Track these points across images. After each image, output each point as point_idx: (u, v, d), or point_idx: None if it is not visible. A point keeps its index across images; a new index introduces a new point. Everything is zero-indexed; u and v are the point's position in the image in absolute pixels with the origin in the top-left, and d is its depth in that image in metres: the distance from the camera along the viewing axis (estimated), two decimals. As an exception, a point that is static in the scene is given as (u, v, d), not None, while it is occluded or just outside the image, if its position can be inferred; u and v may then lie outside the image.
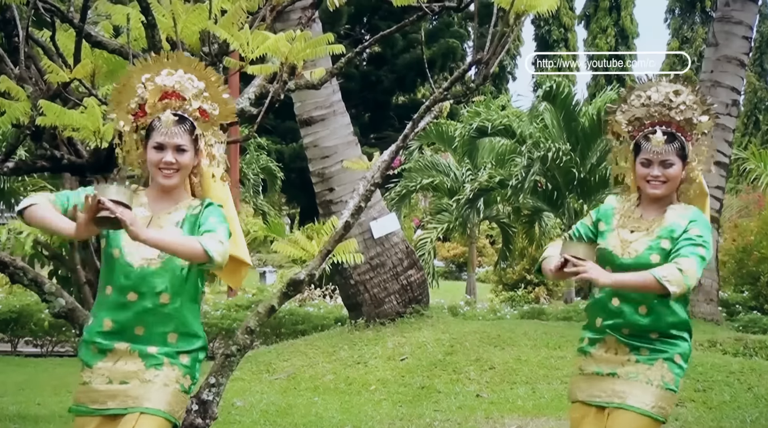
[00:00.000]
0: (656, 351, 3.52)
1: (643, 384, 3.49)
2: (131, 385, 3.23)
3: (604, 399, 3.52)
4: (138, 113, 3.28)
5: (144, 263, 3.24)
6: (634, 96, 3.61)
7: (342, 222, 4.59)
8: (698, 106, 3.56)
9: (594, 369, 3.58)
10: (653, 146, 3.50)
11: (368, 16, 30.08)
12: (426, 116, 4.70)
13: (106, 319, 3.25)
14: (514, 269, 17.92)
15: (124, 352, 3.25)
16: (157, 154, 3.24)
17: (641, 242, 3.53)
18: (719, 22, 12.28)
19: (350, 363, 9.44)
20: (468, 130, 16.67)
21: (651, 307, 3.50)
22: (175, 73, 3.27)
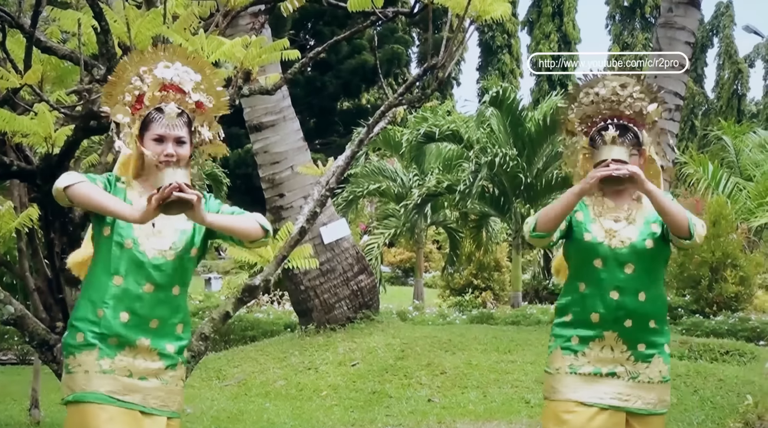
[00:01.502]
0: (651, 345, 3.56)
1: (645, 385, 3.55)
2: (151, 384, 3.26)
3: (607, 402, 3.52)
4: (135, 106, 3.25)
5: (158, 254, 3.25)
6: (583, 93, 3.63)
7: (297, 228, 4.59)
8: (645, 95, 3.59)
9: (590, 369, 3.55)
10: (608, 145, 3.50)
11: (312, 21, 30.07)
12: (381, 121, 4.72)
13: (123, 312, 3.21)
14: (462, 274, 17.97)
15: (145, 349, 3.25)
16: (158, 146, 3.22)
17: (631, 229, 3.54)
18: (662, 28, 12.46)
19: (301, 369, 9.41)
20: (415, 136, 16.71)
21: (648, 292, 3.53)
22: (172, 65, 3.25)
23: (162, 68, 3.24)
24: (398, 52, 30.14)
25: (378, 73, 27.53)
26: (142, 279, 3.23)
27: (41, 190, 4.42)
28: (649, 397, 3.55)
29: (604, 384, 3.54)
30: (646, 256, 3.53)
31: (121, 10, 4.04)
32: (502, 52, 46.95)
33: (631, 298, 3.51)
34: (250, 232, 3.26)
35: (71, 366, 3.24)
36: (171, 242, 3.28)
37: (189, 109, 3.28)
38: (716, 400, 7.87)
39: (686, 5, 12.17)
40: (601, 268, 3.54)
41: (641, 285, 3.52)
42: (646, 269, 3.55)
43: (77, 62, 4.31)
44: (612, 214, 3.59)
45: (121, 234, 3.22)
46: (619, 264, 3.53)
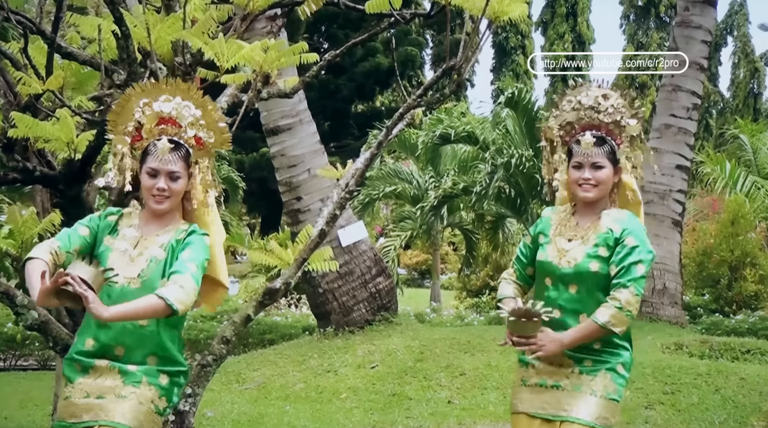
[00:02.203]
0: (599, 362, 3.52)
1: (588, 396, 3.50)
2: (107, 399, 3.26)
3: (550, 412, 3.52)
4: (135, 137, 3.30)
5: (125, 282, 3.27)
6: (566, 101, 3.65)
7: (317, 230, 4.59)
8: (626, 110, 3.59)
9: (537, 380, 3.57)
10: (583, 149, 3.52)
11: (326, 24, 30.09)
12: (399, 123, 4.72)
13: (89, 339, 3.29)
14: (478, 275, 17.96)
15: (105, 369, 3.28)
16: (150, 180, 3.27)
17: (578, 250, 3.53)
18: (679, 27, 12.43)
19: (320, 372, 9.42)
20: (431, 138, 16.69)
21: (590, 315, 3.47)
22: (172, 100, 3.29)
23: (162, 102, 3.28)
24: (412, 54, 30.11)
25: (393, 75, 27.65)
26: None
27: (64, 195, 4.45)
28: (589, 410, 3.48)
29: (548, 395, 3.54)
30: (590, 278, 3.51)
31: (141, 15, 4.06)
32: (516, 52, 46.85)
33: (571, 319, 3.50)
34: (154, 314, 3.18)
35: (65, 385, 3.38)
36: (140, 269, 3.28)
37: (189, 143, 3.31)
38: (738, 399, 7.83)
39: (703, 4, 12.14)
40: (550, 287, 3.57)
41: (583, 308, 3.50)
42: (591, 292, 3.51)
43: (98, 68, 4.34)
44: (570, 233, 3.60)
45: (98, 262, 3.28)
46: (564, 284, 3.54)
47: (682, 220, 12.55)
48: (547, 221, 3.68)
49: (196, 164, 3.34)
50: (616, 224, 3.53)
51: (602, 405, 3.50)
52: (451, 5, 4.33)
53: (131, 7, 4.44)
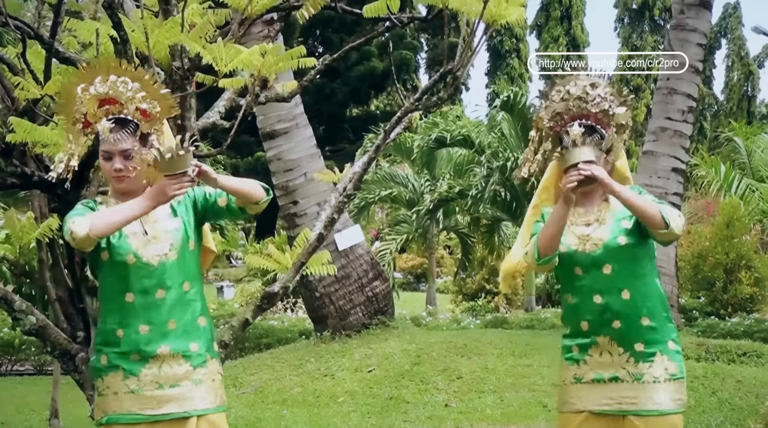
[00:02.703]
0: (650, 343, 3.47)
1: (652, 385, 3.44)
2: (184, 388, 3.29)
3: (614, 407, 3.46)
4: (84, 123, 3.29)
5: (161, 258, 3.30)
6: (555, 91, 3.62)
7: (315, 234, 4.59)
8: (615, 98, 3.56)
9: (593, 376, 3.50)
10: (572, 139, 3.47)
11: (321, 28, 30.10)
12: (397, 127, 4.73)
13: (141, 325, 3.26)
14: (474, 279, 17.98)
15: (167, 356, 3.29)
16: (107, 163, 3.28)
17: (601, 230, 3.51)
18: (674, 30, 12.45)
19: (317, 376, 9.42)
20: (426, 141, 16.72)
21: (632, 289, 3.47)
22: (107, 79, 3.26)
23: (97, 84, 3.25)
24: (407, 58, 30.13)
25: (388, 79, 27.68)
26: (153, 287, 3.28)
27: (62, 200, 4.44)
28: (657, 397, 3.45)
29: (608, 389, 3.48)
30: (621, 254, 3.49)
31: (139, 19, 4.06)
32: (510, 56, 46.95)
33: (614, 298, 3.46)
34: (254, 192, 3.35)
35: (101, 389, 3.32)
36: (169, 244, 3.32)
37: (135, 117, 3.28)
38: (735, 402, 7.85)
39: (698, 7, 12.16)
40: (582, 275, 3.52)
41: (623, 284, 3.47)
42: (626, 266, 3.49)
43: (95, 72, 4.32)
44: (582, 219, 3.58)
45: (121, 253, 3.28)
46: (596, 266, 3.50)
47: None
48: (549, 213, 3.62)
49: (149, 135, 3.32)
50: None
51: (670, 389, 3.46)
52: (448, 9, 4.34)
53: (129, 12, 4.44)
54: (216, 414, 3.39)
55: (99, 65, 3.33)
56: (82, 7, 5.08)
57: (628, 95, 3.64)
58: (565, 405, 3.58)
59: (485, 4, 4.13)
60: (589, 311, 3.50)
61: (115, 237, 3.28)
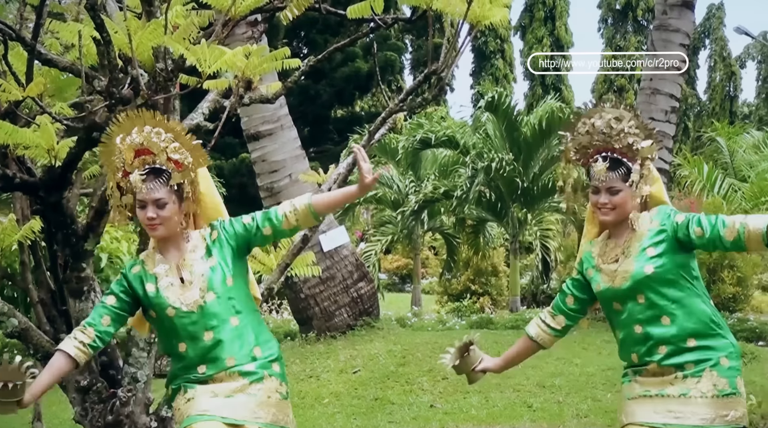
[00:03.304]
0: (700, 362, 3.46)
1: (698, 400, 3.43)
2: (238, 400, 3.36)
3: (659, 420, 3.46)
4: (123, 172, 3.36)
5: (199, 302, 3.37)
6: (581, 124, 3.63)
7: (300, 235, 4.60)
8: (640, 130, 3.56)
9: (640, 392, 3.53)
10: (597, 174, 3.52)
11: (305, 29, 30.05)
12: (381, 128, 4.73)
13: (200, 366, 3.40)
14: (459, 279, 17.97)
15: (225, 376, 3.38)
16: (141, 212, 3.35)
17: (627, 263, 3.50)
18: (657, 30, 12.51)
19: (303, 377, 9.41)
20: (411, 142, 16.73)
21: (671, 314, 3.46)
22: (143, 130, 3.33)
23: (134, 134, 3.33)
24: (392, 59, 30.07)
25: (373, 80, 27.68)
26: (200, 332, 3.36)
27: (44, 202, 4.42)
28: (702, 412, 3.42)
29: (654, 403, 3.50)
30: (651, 281, 3.47)
31: (122, 21, 4.04)
32: (495, 57, 46.99)
33: (654, 326, 3.47)
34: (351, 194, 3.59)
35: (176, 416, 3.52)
36: (199, 288, 3.38)
37: (169, 168, 3.36)
38: (718, 401, 7.87)
39: (680, 7, 12.22)
40: (621, 309, 3.54)
41: (660, 310, 3.47)
42: (660, 293, 3.47)
43: (78, 74, 4.31)
44: (612, 254, 3.58)
45: (161, 307, 3.38)
46: (631, 299, 3.50)
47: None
48: (588, 255, 3.67)
49: (181, 185, 3.39)
50: (651, 223, 3.53)
51: (715, 404, 3.43)
52: (433, 10, 4.35)
53: (112, 14, 4.43)
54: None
55: (136, 116, 3.39)
56: (64, 9, 5.06)
57: (653, 128, 3.66)
58: (619, 422, 3.63)
59: (469, 5, 4.15)
60: (634, 342, 3.53)
61: (152, 294, 3.38)
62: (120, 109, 3.94)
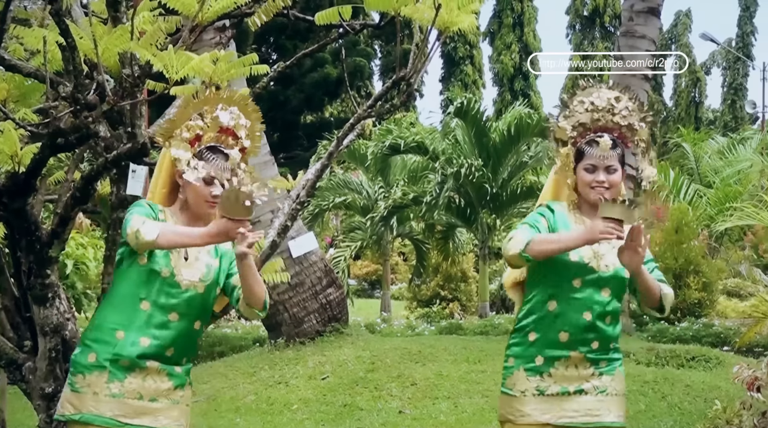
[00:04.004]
0: (612, 360, 3.58)
1: (614, 397, 3.55)
2: (162, 404, 3.34)
3: (578, 420, 3.51)
4: (192, 141, 3.37)
5: (190, 285, 3.35)
6: (577, 101, 3.63)
7: (268, 242, 4.58)
8: (636, 113, 3.61)
9: (557, 389, 3.53)
10: (600, 151, 3.51)
11: (274, 35, 30.04)
12: (350, 134, 4.73)
13: (144, 337, 3.29)
14: (429, 285, 18.00)
15: (154, 370, 3.33)
16: (206, 187, 3.34)
17: (613, 255, 3.51)
18: (624, 37, 12.62)
19: (271, 384, 9.37)
20: (380, 148, 16.73)
21: (614, 317, 3.57)
22: (228, 110, 3.40)
23: (221, 111, 3.39)
24: (361, 65, 30.21)
25: (342, 86, 27.69)
26: (170, 308, 3.32)
27: (7, 208, 4.37)
28: (616, 410, 3.55)
29: (573, 402, 3.52)
30: (621, 285, 3.58)
31: (87, 26, 4.01)
32: (464, 62, 47.18)
33: (601, 321, 3.53)
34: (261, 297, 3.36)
35: (79, 385, 3.31)
36: (201, 273, 3.38)
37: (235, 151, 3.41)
38: (684, 406, 7.95)
39: (647, 14, 12.34)
40: (579, 288, 3.53)
41: (611, 310, 3.55)
42: (618, 296, 3.58)
43: (42, 80, 4.27)
44: None
45: (159, 263, 3.33)
46: (598, 287, 3.53)
47: (629, 229, 12.65)
48: (563, 217, 3.60)
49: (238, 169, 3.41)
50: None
51: (622, 402, 3.59)
52: (401, 16, 4.35)
53: (78, 19, 4.39)
54: None
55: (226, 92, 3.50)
56: (29, 15, 5.02)
57: (648, 111, 3.69)
58: (524, 417, 3.57)
59: (437, 11, 4.15)
60: (574, 325, 3.52)
61: None
62: (85, 115, 3.91)
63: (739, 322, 12.90)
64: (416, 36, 4.47)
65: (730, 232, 19.59)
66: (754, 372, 5.59)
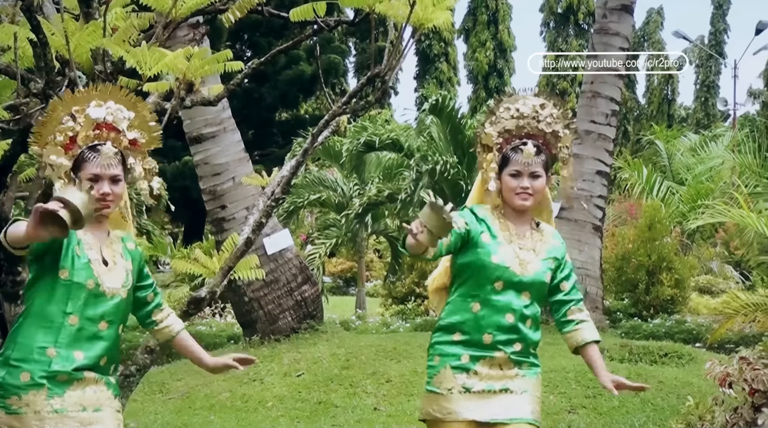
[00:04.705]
0: (533, 365, 3.67)
1: (532, 396, 3.63)
2: (105, 413, 3.28)
3: (504, 416, 3.56)
4: (68, 145, 3.25)
5: (115, 292, 3.31)
6: (503, 108, 3.68)
7: (243, 239, 4.57)
8: (561, 120, 3.67)
9: (483, 386, 3.57)
10: (524, 158, 3.57)
11: (249, 32, 29.90)
12: (324, 131, 4.73)
13: (77, 351, 3.23)
14: (404, 282, 17.98)
15: (92, 380, 3.27)
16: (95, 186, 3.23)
17: (535, 260, 3.63)
18: (597, 34, 12.67)
19: (246, 381, 9.34)
20: (355, 145, 16.71)
21: (534, 322, 3.65)
22: (104, 104, 3.27)
23: (94, 107, 3.26)
24: (335, 62, 30.09)
25: (317, 83, 27.63)
26: (98, 318, 3.26)
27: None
28: (534, 409, 3.63)
29: (497, 399, 3.57)
30: (541, 290, 3.66)
31: (59, 22, 3.98)
32: (439, 60, 47.26)
33: (523, 325, 3.60)
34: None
35: (17, 407, 3.18)
36: (122, 280, 3.34)
37: (123, 146, 3.30)
38: (657, 402, 7.99)
39: (620, 11, 12.40)
40: (501, 291, 3.59)
41: (531, 314, 3.63)
42: (538, 300, 3.67)
43: (13, 76, 4.24)
44: (519, 240, 3.65)
45: (82, 275, 3.24)
46: (519, 290, 3.59)
47: (602, 226, 12.75)
48: (488, 220, 3.66)
49: (132, 165, 3.35)
50: (557, 241, 3.72)
51: (539, 403, 3.66)
52: (375, 13, 4.35)
53: (49, 15, 4.36)
54: None
55: (97, 88, 3.34)
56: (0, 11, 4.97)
57: (572, 118, 3.74)
58: (451, 414, 3.58)
59: (412, 8, 4.15)
60: (497, 327, 3.58)
61: (78, 259, 3.24)
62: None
63: (711, 319, 12.99)
64: (391, 33, 4.46)
65: (702, 229, 19.78)
66: (725, 369, 5.62)
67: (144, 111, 3.39)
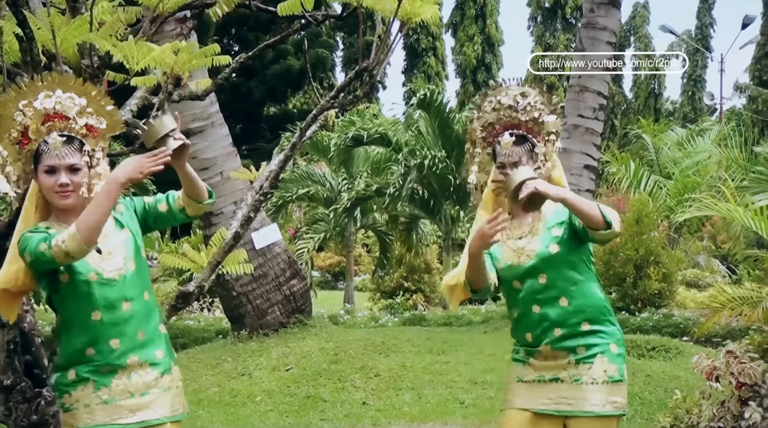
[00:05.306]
0: (591, 346, 3.52)
1: (589, 386, 3.50)
2: (154, 395, 3.32)
3: (552, 407, 3.53)
4: (22, 141, 3.23)
5: (121, 272, 3.31)
6: (486, 102, 3.68)
7: (231, 233, 4.56)
8: (545, 106, 3.63)
9: (534, 376, 3.57)
10: (503, 149, 3.56)
11: (236, 27, 29.82)
12: (313, 125, 4.72)
13: (112, 339, 3.26)
14: (392, 277, 18.01)
15: (136, 365, 3.30)
16: (50, 178, 3.22)
17: (534, 241, 3.57)
18: (585, 28, 12.68)
19: (234, 375, 9.34)
20: (343, 140, 16.70)
21: (570, 296, 3.52)
22: (53, 95, 3.23)
23: (42, 99, 3.23)
24: (323, 57, 30.05)
25: (305, 78, 27.59)
26: (118, 301, 3.28)
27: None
28: (594, 398, 3.50)
29: (548, 389, 3.55)
30: (555, 262, 3.54)
31: (45, 17, 3.96)
32: (427, 54, 47.21)
33: (552, 307, 3.52)
34: (203, 190, 3.50)
35: (68, 404, 3.29)
36: (122, 257, 3.33)
37: (80, 134, 3.26)
38: (644, 396, 8.04)
39: (607, 5, 12.41)
40: (520, 288, 3.59)
41: (560, 292, 3.53)
42: (561, 274, 3.55)
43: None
44: (517, 232, 3.63)
45: (82, 272, 3.25)
46: (532, 277, 3.55)
47: (590, 220, 12.73)
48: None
49: (93, 152, 3.29)
50: (556, 208, 3.56)
51: (606, 390, 3.50)
52: (363, 7, 4.35)
53: (35, 9, 4.33)
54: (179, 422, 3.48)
55: (43, 81, 3.30)
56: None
57: (558, 103, 3.70)
58: (507, 403, 3.65)
59: (399, 2, 4.15)
60: (530, 322, 3.58)
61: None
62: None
63: (698, 313, 13.04)
64: (379, 27, 4.46)
65: (689, 223, 19.82)
66: (712, 362, 5.66)
67: (98, 96, 3.34)
